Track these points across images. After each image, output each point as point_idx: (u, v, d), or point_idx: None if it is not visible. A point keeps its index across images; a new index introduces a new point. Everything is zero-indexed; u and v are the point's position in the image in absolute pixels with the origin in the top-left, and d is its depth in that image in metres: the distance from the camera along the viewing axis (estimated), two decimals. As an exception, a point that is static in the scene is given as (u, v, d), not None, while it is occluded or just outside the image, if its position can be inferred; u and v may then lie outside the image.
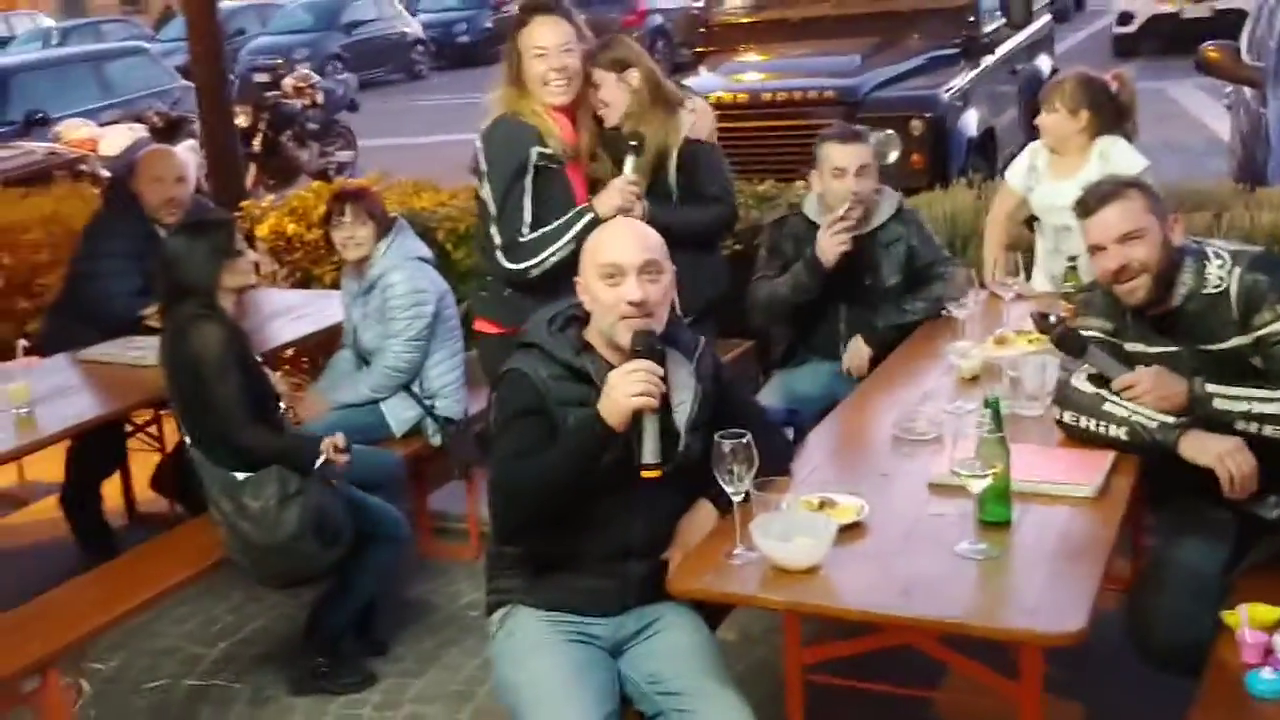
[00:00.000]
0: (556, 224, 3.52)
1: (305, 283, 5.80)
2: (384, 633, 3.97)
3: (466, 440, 4.34)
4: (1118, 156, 4.00)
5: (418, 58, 23.21)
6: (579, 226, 3.47)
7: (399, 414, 4.30)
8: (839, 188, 3.92)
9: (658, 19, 20.31)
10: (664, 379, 2.52)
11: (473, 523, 4.54)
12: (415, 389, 4.31)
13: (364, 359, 4.38)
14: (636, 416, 2.49)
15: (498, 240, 3.58)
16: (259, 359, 3.68)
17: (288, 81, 12.45)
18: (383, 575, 3.80)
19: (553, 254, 3.50)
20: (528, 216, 3.54)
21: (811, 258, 3.91)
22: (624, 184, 3.51)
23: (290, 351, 5.30)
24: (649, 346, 2.54)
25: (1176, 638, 2.72)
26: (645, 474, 2.50)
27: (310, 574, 3.63)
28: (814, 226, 4.02)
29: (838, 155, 3.92)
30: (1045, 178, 4.13)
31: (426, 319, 4.23)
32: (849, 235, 3.88)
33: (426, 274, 4.30)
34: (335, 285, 5.07)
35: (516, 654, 2.66)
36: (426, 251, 4.40)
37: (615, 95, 3.68)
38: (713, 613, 2.82)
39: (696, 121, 3.77)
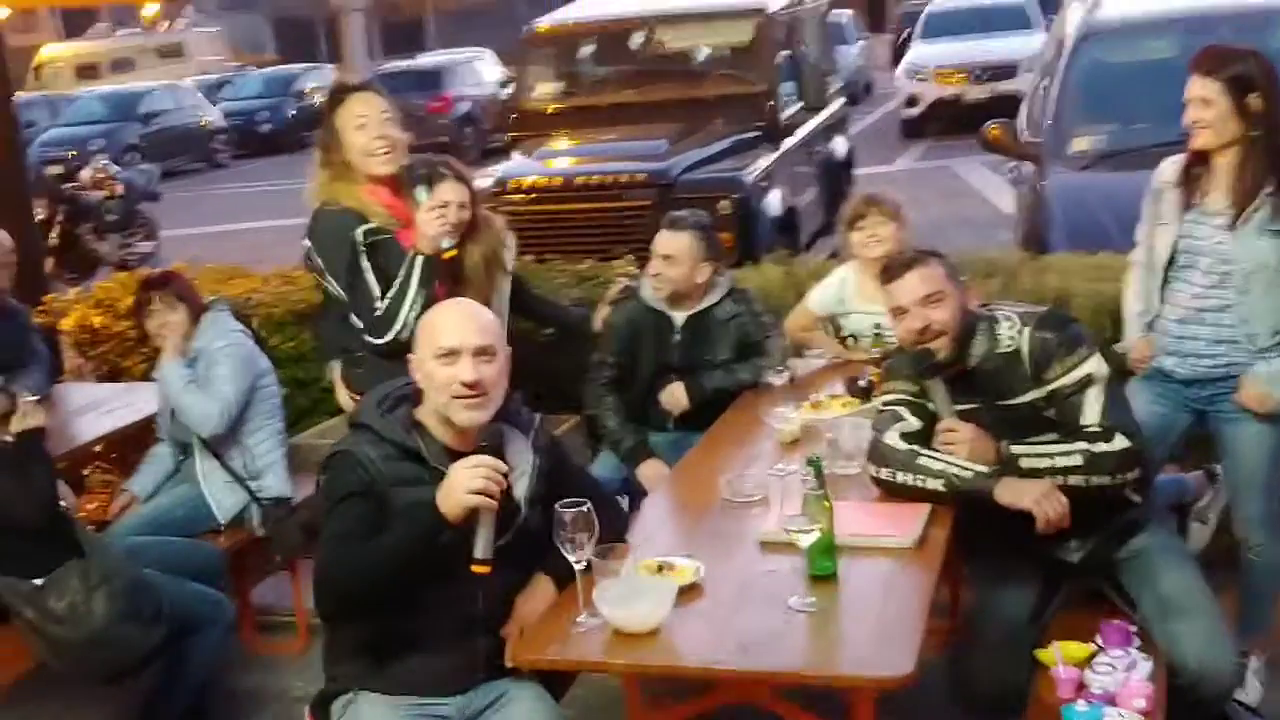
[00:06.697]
0: (397, 285, 3.54)
1: (114, 375, 5.61)
2: (218, 728, 3.82)
3: (291, 528, 4.25)
4: None
5: (219, 146, 23.02)
6: (417, 273, 3.52)
7: (223, 500, 4.17)
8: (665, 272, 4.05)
9: (465, 105, 20.49)
10: (505, 475, 2.54)
11: (300, 614, 4.42)
12: (239, 469, 4.19)
13: (183, 447, 4.28)
14: (474, 509, 2.50)
15: (359, 324, 3.61)
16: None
17: (86, 173, 12.16)
18: (211, 661, 3.68)
19: (410, 310, 3.51)
20: (376, 291, 3.57)
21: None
22: (426, 212, 3.54)
23: (99, 447, 5.10)
24: (494, 443, 2.58)
25: (996, 690, 2.88)
26: (475, 569, 2.51)
27: (136, 661, 3.47)
28: (650, 311, 4.14)
29: (660, 243, 4.05)
30: (854, 302, 4.24)
31: (251, 370, 4.16)
32: None
33: (250, 346, 4.27)
34: (145, 377, 4.94)
35: (362, 741, 2.62)
36: (247, 332, 4.35)
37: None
38: (555, 685, 2.83)
39: None
